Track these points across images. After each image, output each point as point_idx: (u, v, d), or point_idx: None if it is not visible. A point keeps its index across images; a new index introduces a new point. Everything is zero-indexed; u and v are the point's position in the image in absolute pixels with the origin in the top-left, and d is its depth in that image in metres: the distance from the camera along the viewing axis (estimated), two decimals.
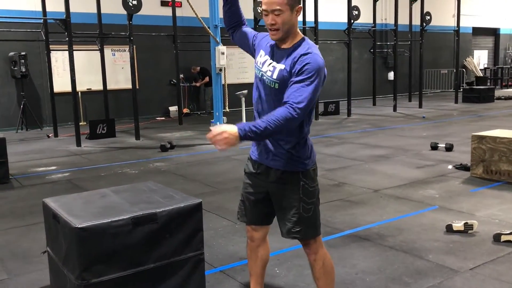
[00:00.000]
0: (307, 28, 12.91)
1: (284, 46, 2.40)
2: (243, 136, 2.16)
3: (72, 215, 2.56)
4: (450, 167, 6.44)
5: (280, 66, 2.36)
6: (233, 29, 2.74)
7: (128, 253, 2.56)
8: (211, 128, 2.25)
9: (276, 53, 2.42)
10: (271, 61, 2.42)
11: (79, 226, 2.42)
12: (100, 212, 2.63)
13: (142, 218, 2.60)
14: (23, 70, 11.32)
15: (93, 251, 2.46)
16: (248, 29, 2.72)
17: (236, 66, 15.34)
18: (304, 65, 2.26)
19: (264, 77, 2.42)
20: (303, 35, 2.42)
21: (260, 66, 2.47)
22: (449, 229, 3.98)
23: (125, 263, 2.56)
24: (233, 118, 12.02)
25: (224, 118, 10.02)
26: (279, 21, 2.32)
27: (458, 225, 3.96)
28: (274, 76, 2.37)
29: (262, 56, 2.49)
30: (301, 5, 2.39)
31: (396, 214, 4.55)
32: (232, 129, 2.17)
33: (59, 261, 2.75)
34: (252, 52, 2.63)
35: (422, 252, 3.61)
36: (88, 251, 2.45)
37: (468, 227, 3.92)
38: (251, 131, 2.17)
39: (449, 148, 7.56)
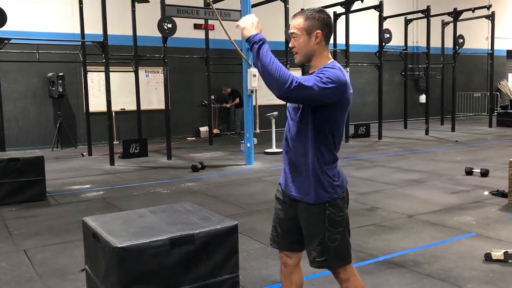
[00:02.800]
0: (338, 50, 12.96)
1: (313, 70, 2.42)
2: (255, 40, 2.28)
3: (112, 235, 2.61)
4: (486, 193, 6.28)
5: None
6: None
7: (165, 273, 2.59)
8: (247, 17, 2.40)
9: None
10: None
11: (119, 245, 2.47)
12: (139, 232, 2.68)
13: (180, 239, 2.63)
14: (60, 90, 11.69)
15: (132, 271, 2.50)
16: None
17: (267, 88, 15.43)
18: (321, 71, 2.30)
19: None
20: (333, 59, 2.42)
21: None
22: (488, 257, 3.87)
23: (162, 283, 2.59)
24: (263, 139, 12.09)
25: (255, 139, 10.07)
26: (296, 44, 2.39)
27: (497, 253, 3.84)
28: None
29: None
30: (321, 31, 2.36)
31: (431, 241, 4.45)
32: (257, 27, 2.33)
33: (97, 280, 2.79)
34: None
35: (460, 281, 3.52)
36: (128, 270, 2.49)
37: (508, 256, 3.80)
38: (260, 45, 2.26)
39: (484, 173, 7.39)
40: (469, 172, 7.57)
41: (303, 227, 2.50)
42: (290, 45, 2.44)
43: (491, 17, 14.72)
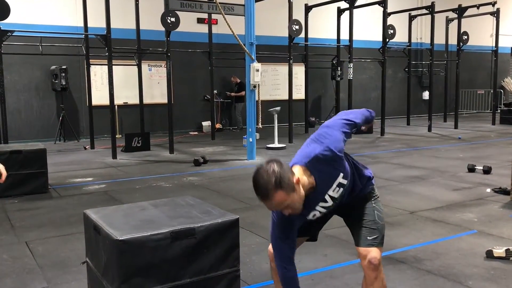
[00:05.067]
0: (341, 46, 12.93)
1: (309, 192, 2.34)
2: None
3: (113, 227, 2.61)
4: (488, 190, 6.26)
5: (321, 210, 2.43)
6: None
7: (166, 266, 2.59)
8: None
9: (317, 201, 2.40)
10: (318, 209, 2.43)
11: (120, 238, 2.47)
12: (140, 225, 2.68)
13: (181, 233, 2.63)
14: (63, 83, 11.69)
15: (133, 264, 2.50)
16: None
17: (269, 83, 15.44)
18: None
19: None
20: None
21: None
22: (490, 255, 3.86)
23: (163, 276, 2.59)
24: (265, 134, 12.08)
25: (257, 134, 10.06)
26: (293, 207, 2.26)
27: (499, 251, 3.83)
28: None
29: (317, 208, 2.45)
30: (293, 175, 2.23)
31: (433, 237, 4.44)
32: None
33: (98, 272, 2.80)
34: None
35: (461, 278, 3.51)
36: (128, 263, 2.49)
37: (510, 253, 3.79)
38: None
39: (487, 170, 7.36)
40: (471, 169, 7.55)
41: (349, 213, 2.59)
42: (286, 213, 2.29)
43: (496, 14, 14.63)
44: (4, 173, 3.07)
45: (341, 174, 2.36)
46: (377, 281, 2.44)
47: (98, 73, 12.49)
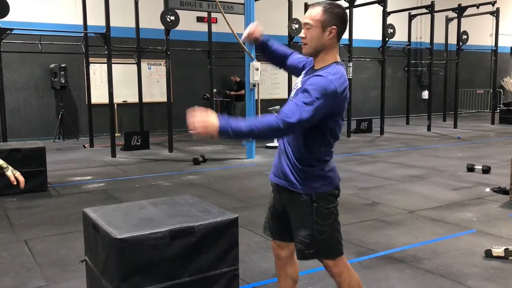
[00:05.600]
0: (341, 45, 12.91)
1: (317, 66, 2.35)
2: (223, 132, 2.11)
3: (112, 226, 2.61)
4: (487, 190, 6.27)
5: (298, 85, 2.35)
6: (280, 66, 2.77)
7: (165, 265, 2.59)
8: (195, 110, 2.15)
9: (309, 74, 2.38)
10: (301, 80, 2.40)
11: (119, 237, 2.46)
12: (139, 224, 2.67)
13: (180, 231, 2.62)
14: (63, 81, 11.68)
15: (132, 262, 2.50)
16: (295, 57, 2.69)
17: (269, 81, 15.42)
18: (309, 85, 2.21)
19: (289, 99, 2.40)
20: (337, 61, 2.34)
21: (293, 90, 2.45)
22: (489, 254, 3.86)
23: (161, 275, 2.58)
24: None
25: None
26: (308, 35, 2.31)
27: (498, 250, 3.84)
28: (291, 96, 2.37)
29: (299, 78, 2.47)
30: (336, 27, 2.28)
31: (432, 237, 4.44)
32: (213, 120, 2.11)
33: (97, 271, 2.79)
34: None
35: (460, 277, 3.51)
36: (127, 262, 2.49)
37: (509, 253, 3.79)
38: (232, 129, 2.11)
39: (486, 170, 7.37)
40: (470, 169, 7.56)
41: (291, 218, 2.48)
42: (300, 34, 2.36)
43: (496, 14, 14.63)
44: (22, 179, 3.04)
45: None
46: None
47: (97, 71, 12.48)
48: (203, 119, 2.12)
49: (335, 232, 2.43)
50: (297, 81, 2.45)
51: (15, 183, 3.00)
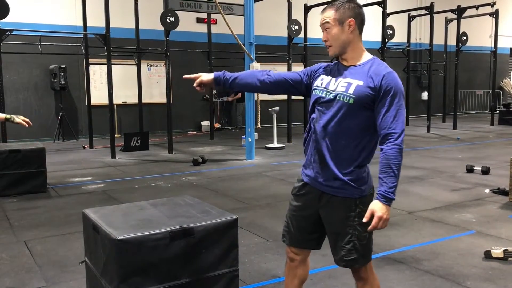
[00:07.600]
0: None
1: (351, 63, 2.34)
2: (390, 199, 2.35)
3: (112, 227, 2.61)
4: (487, 191, 6.27)
5: (358, 82, 2.27)
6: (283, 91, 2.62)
7: (164, 266, 2.59)
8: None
9: (345, 71, 2.34)
10: (342, 78, 2.33)
11: (119, 238, 2.47)
12: (138, 225, 2.68)
13: (180, 232, 2.63)
14: (62, 82, 11.68)
15: (132, 263, 2.50)
16: (281, 75, 2.52)
17: None
18: (390, 87, 2.25)
19: (332, 95, 2.31)
20: (366, 52, 2.37)
21: (325, 86, 2.36)
22: (488, 255, 3.87)
23: (161, 276, 2.59)
24: (264, 134, 12.09)
25: (256, 134, 10.06)
26: (329, 36, 2.31)
27: (497, 251, 3.84)
28: (350, 91, 2.27)
29: (325, 79, 2.40)
30: (354, 19, 2.28)
31: (431, 238, 4.45)
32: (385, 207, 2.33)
33: (97, 272, 2.80)
34: (305, 90, 2.52)
35: (460, 278, 3.52)
36: (127, 263, 2.49)
37: (508, 254, 3.80)
38: (394, 192, 2.36)
39: (485, 171, 7.38)
40: (470, 170, 7.57)
41: (329, 224, 2.41)
42: (322, 38, 2.34)
43: (495, 15, 14.65)
44: (27, 119, 3.55)
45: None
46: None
47: (97, 72, 12.48)
48: (386, 217, 2.26)
49: (371, 236, 2.41)
50: (328, 79, 2.38)
51: (27, 125, 3.52)
